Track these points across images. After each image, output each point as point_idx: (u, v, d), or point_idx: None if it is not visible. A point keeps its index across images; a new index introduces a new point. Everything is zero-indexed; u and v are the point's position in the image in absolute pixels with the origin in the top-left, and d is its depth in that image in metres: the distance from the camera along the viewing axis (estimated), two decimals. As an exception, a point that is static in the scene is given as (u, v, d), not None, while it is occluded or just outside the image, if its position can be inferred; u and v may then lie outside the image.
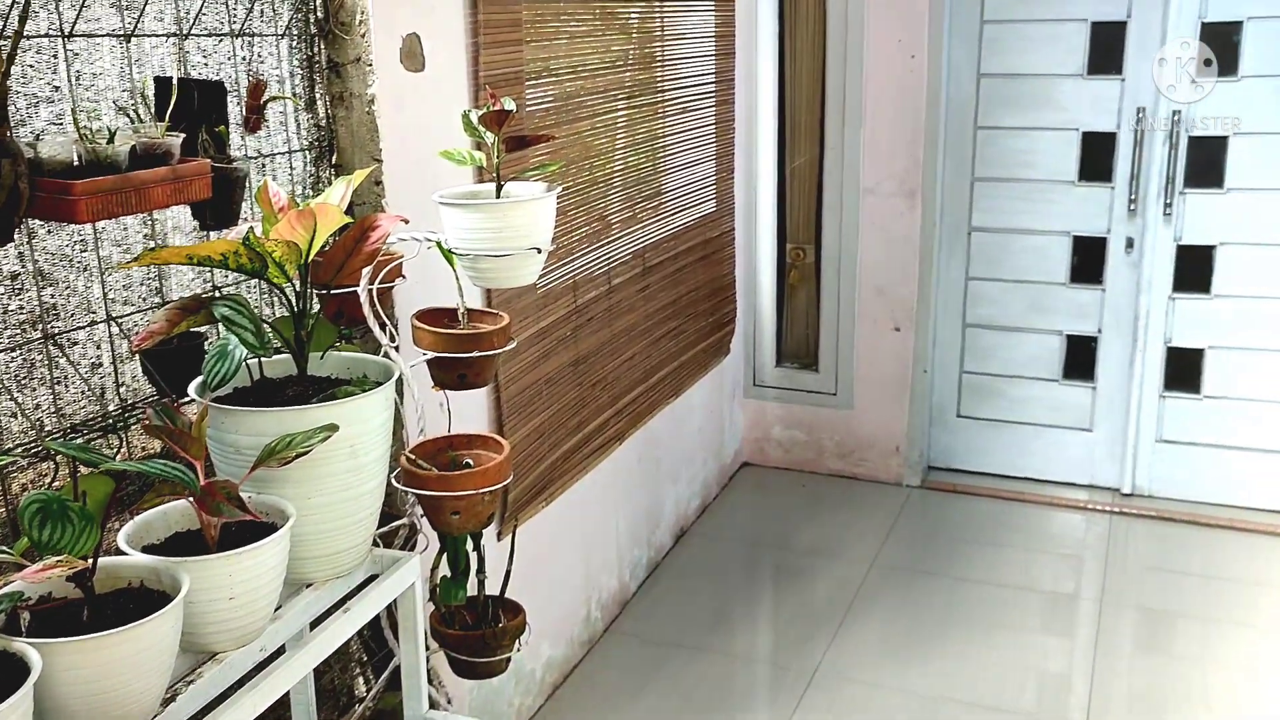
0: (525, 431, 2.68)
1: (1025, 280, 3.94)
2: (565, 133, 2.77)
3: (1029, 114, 3.79)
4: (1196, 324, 3.75)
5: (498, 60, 2.40)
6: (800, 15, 3.92)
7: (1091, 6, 3.63)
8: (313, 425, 1.37)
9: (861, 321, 4.06)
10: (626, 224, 3.17)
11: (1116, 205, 3.75)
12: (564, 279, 2.82)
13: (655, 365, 3.42)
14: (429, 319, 1.89)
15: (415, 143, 2.17)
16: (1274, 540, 3.68)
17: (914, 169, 3.86)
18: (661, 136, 3.35)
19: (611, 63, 3.00)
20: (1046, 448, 4.06)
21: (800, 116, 4.02)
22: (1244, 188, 3.59)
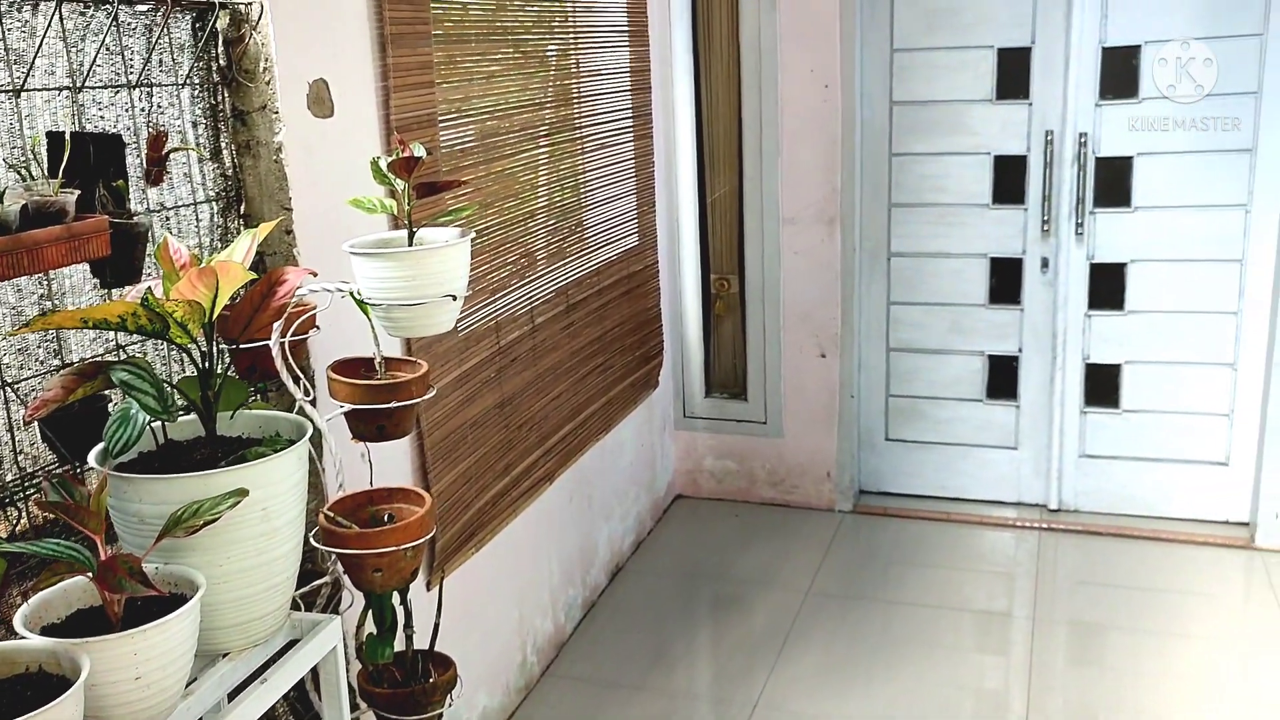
0: (451, 478, 2.63)
1: (945, 303, 3.99)
2: (483, 172, 2.75)
3: (942, 139, 3.86)
4: (1113, 340, 3.83)
5: (409, 103, 2.37)
6: (714, 48, 3.95)
7: (997, 33, 3.71)
8: (221, 490, 1.32)
9: (788, 349, 4.08)
10: (549, 262, 3.15)
11: (1030, 226, 3.83)
12: (486, 320, 2.79)
13: (583, 402, 3.39)
14: (345, 370, 1.85)
15: (326, 190, 2.13)
16: (1196, 549, 3.75)
17: (832, 197, 3.90)
18: (582, 173, 3.34)
19: (528, 101, 2.98)
20: (974, 467, 4.10)
21: (719, 148, 4.04)
22: (1150, 206, 3.68)
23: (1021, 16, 3.67)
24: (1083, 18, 3.59)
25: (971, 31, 3.74)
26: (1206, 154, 3.59)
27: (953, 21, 3.75)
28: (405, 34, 2.34)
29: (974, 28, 3.73)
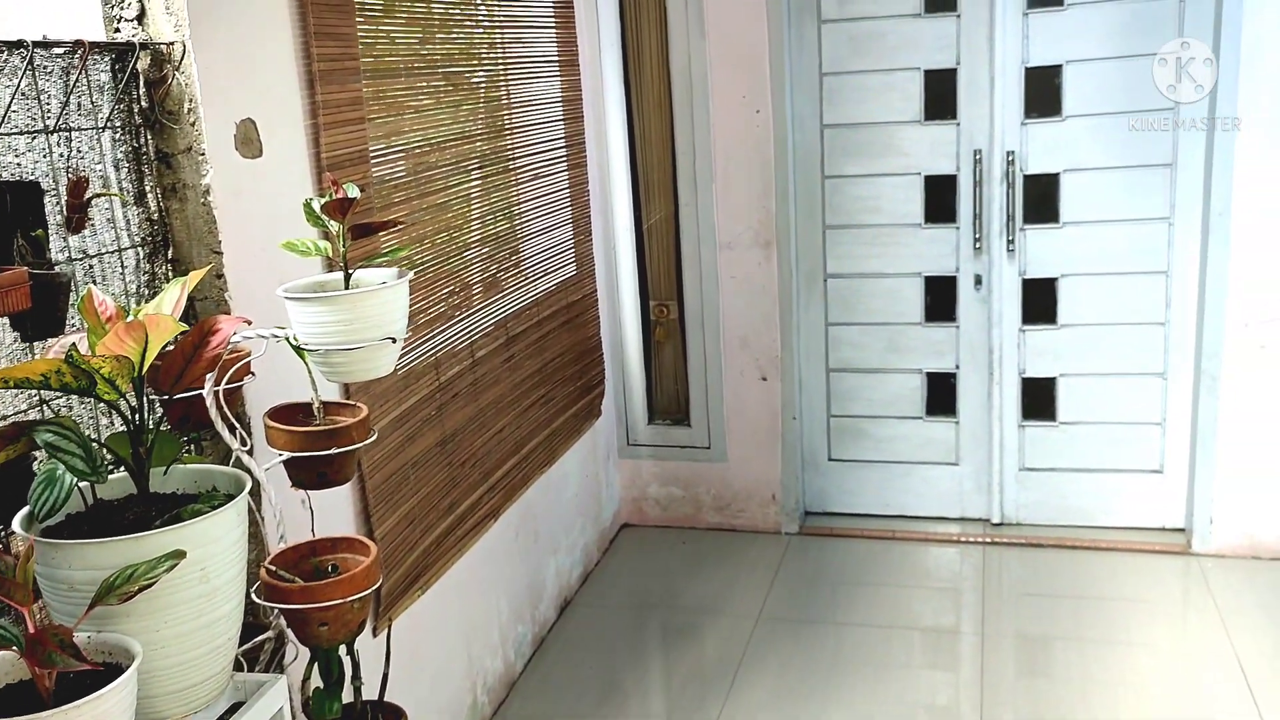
0: (394, 520, 2.57)
1: (882, 322, 4.02)
2: (417, 207, 2.71)
3: (873, 161, 3.90)
4: (1047, 354, 3.89)
5: (340, 140, 2.33)
6: (645, 76, 3.95)
7: (923, 55, 3.77)
8: (157, 553, 1.27)
9: (729, 373, 4.08)
10: (487, 294, 3.11)
11: (963, 244, 3.88)
12: (425, 357, 2.74)
13: (526, 435, 3.35)
14: (282, 417, 1.80)
15: (258, 232, 2.07)
16: (1136, 557, 3.81)
17: (767, 220, 3.92)
18: (517, 203, 3.32)
19: (459, 133, 2.95)
20: (916, 484, 4.13)
21: (653, 175, 4.04)
22: (1078, 221, 3.75)
23: (946, 39, 3.73)
24: (1005, 39, 3.65)
25: (897, 54, 3.79)
26: (1129, 169, 3.67)
27: (879, 45, 3.80)
28: (333, 70, 2.30)
29: (900, 50, 3.78)
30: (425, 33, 2.78)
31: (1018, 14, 3.64)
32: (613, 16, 3.89)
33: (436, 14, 2.83)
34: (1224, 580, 3.63)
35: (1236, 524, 3.71)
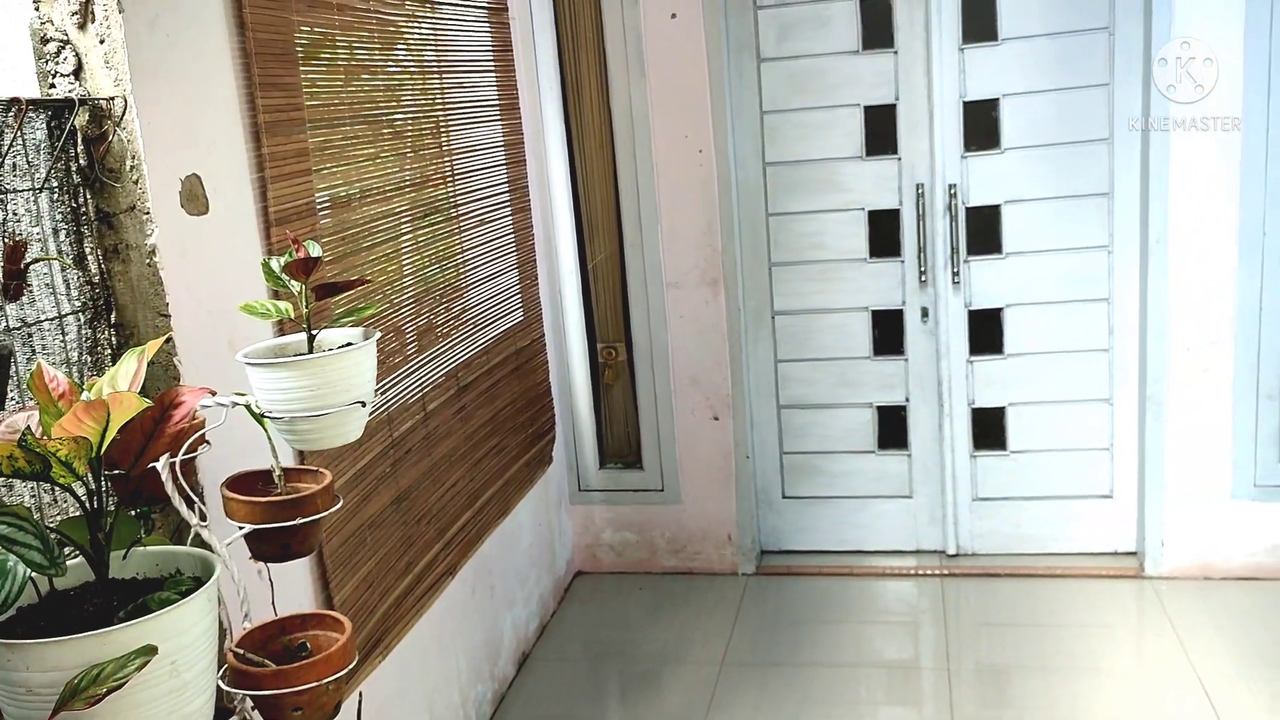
0: (353, 584, 2.47)
1: (832, 357, 4.02)
2: (365, 259, 2.63)
3: (816, 197, 3.91)
4: (995, 384, 3.92)
5: (287, 193, 2.25)
6: (586, 118, 3.92)
7: (862, 92, 3.79)
8: (123, 649, 1.17)
9: (680, 414, 4.04)
10: (437, 345, 3.03)
11: (908, 277, 3.89)
12: (378, 413, 2.65)
13: (480, 487, 3.27)
14: (241, 487, 1.70)
15: (206, 291, 1.98)
16: (1090, 582, 3.83)
17: (714, 259, 3.90)
18: (463, 251, 3.25)
19: (404, 183, 2.88)
20: (871, 518, 4.12)
21: (597, 217, 4.00)
22: (1020, 251, 3.80)
23: (884, 75, 3.76)
24: (942, 74, 3.69)
25: (837, 91, 3.81)
26: (1067, 199, 3.73)
27: (818, 82, 3.81)
28: (279, 122, 2.22)
29: (839, 88, 3.81)
30: (367, 82, 2.71)
31: (954, 49, 3.68)
32: (551, 58, 3.86)
33: (378, 63, 2.76)
34: (1178, 602, 3.66)
35: (1187, 546, 3.75)
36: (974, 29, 3.67)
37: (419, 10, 3.01)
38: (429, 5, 3.07)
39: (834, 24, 3.76)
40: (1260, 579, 3.72)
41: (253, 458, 1.74)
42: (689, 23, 3.72)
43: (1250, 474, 3.65)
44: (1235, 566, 3.74)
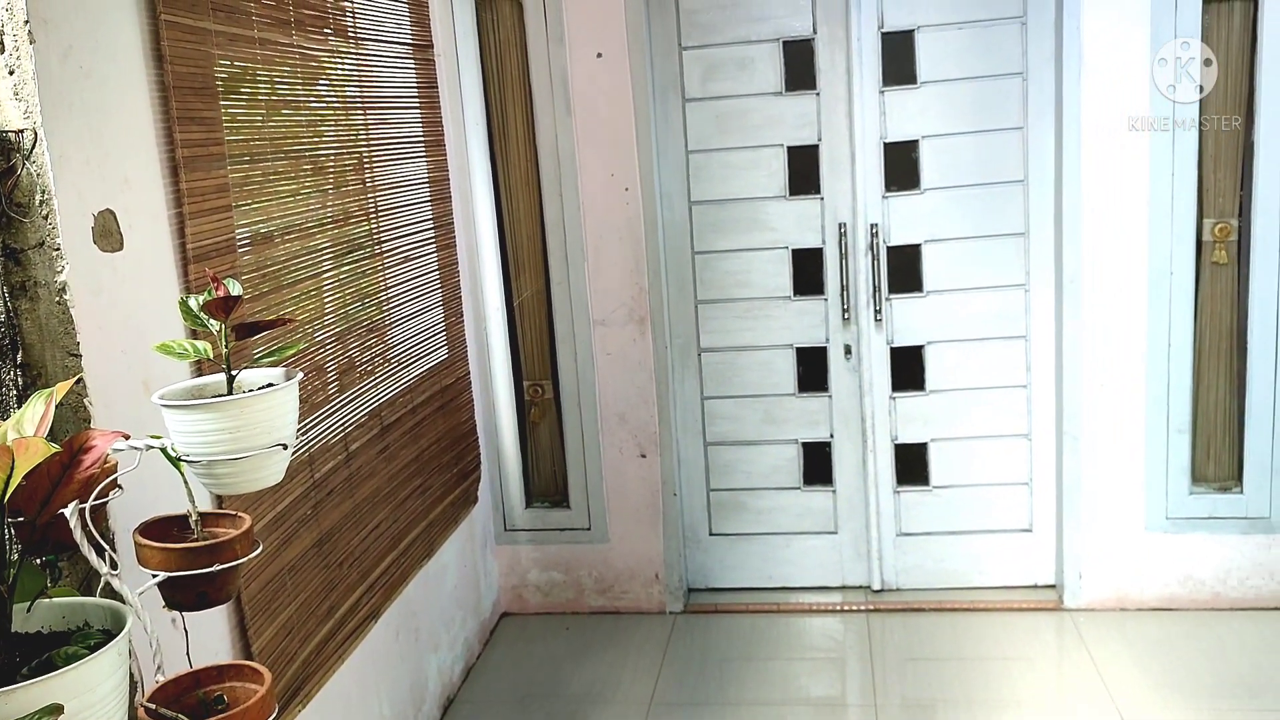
0: (272, 631, 2.39)
1: (757, 394, 4.04)
2: (286, 296, 2.57)
3: (741, 236, 3.94)
4: (917, 420, 3.97)
5: (206, 229, 2.19)
6: (512, 155, 3.91)
7: (785, 132, 3.84)
8: (27, 709, 1.11)
9: (607, 452, 4.02)
10: (360, 384, 2.98)
11: (832, 315, 3.94)
12: (299, 453, 2.59)
13: (404, 529, 3.20)
14: (156, 533, 1.64)
15: (119, 330, 1.92)
16: (1012, 615, 3.89)
17: (641, 296, 3.91)
18: (387, 288, 3.20)
19: (327, 219, 2.83)
20: (797, 555, 4.13)
21: (523, 253, 3.98)
22: (940, 290, 3.87)
23: (806, 116, 3.82)
24: (864, 116, 3.76)
25: (761, 132, 3.86)
26: (986, 239, 3.81)
27: (742, 123, 3.86)
28: (198, 156, 2.18)
29: (763, 129, 3.85)
30: (289, 117, 2.67)
31: (874, 91, 3.76)
32: (477, 95, 3.85)
33: (300, 97, 2.72)
34: (1096, 634, 3.73)
35: (1104, 578, 3.83)
36: (894, 72, 3.75)
37: (342, 45, 2.98)
38: (352, 41, 3.04)
39: (757, 65, 3.81)
40: (1174, 609, 3.81)
41: (168, 502, 1.68)
42: (615, 62, 3.75)
43: (1163, 507, 3.75)
44: (1150, 598, 3.82)
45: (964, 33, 3.69)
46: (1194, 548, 3.77)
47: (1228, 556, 3.76)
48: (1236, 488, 3.73)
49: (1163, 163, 3.54)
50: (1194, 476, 3.75)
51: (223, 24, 2.30)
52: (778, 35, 3.78)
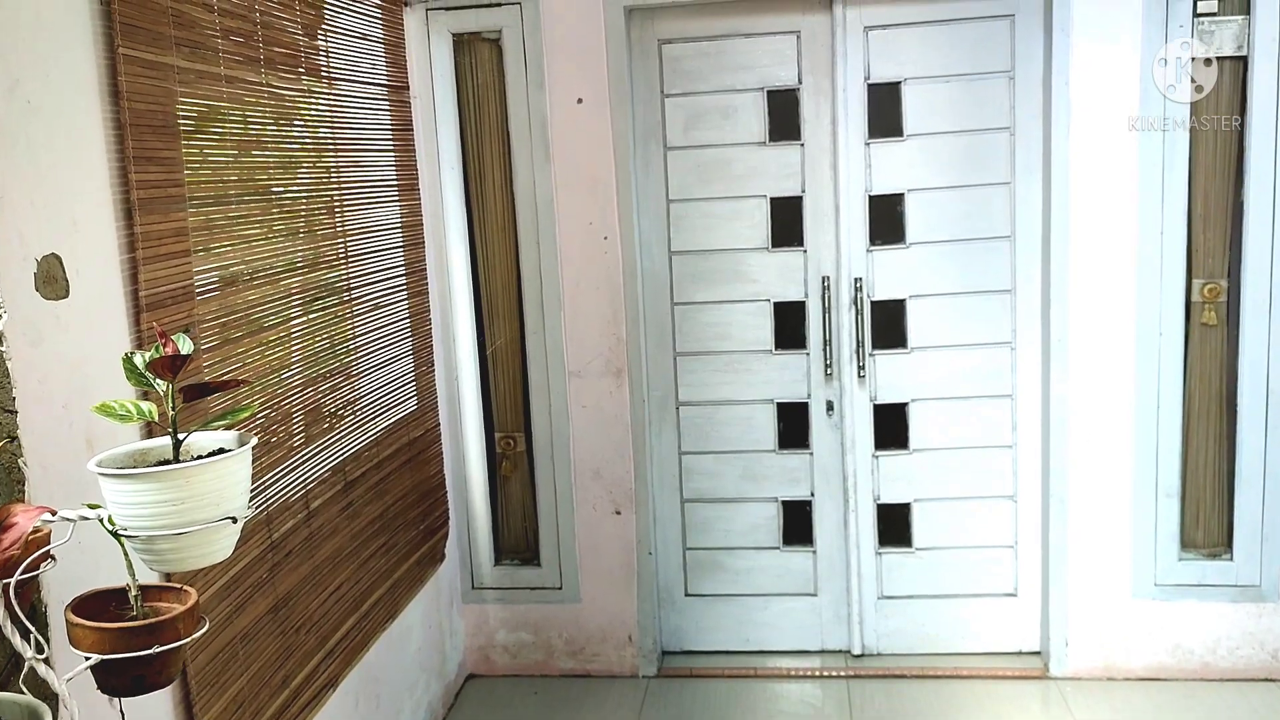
0: (221, 706, 2.23)
1: (736, 450, 3.93)
2: (248, 345, 2.44)
3: (722, 287, 3.84)
4: (900, 479, 3.86)
5: (162, 276, 2.06)
6: (488, 200, 3.80)
7: (768, 183, 3.76)
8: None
9: (581, 508, 3.88)
10: (324, 438, 2.84)
11: (814, 370, 3.84)
12: (256, 513, 2.44)
13: (366, 590, 3.05)
14: (90, 609, 1.50)
15: (61, 384, 1.78)
16: (996, 683, 3.76)
17: (618, 347, 3.79)
18: (354, 337, 3.07)
19: (294, 264, 2.71)
20: (775, 617, 4.00)
21: (498, 302, 3.86)
22: (924, 346, 3.78)
23: (791, 168, 3.74)
24: (848, 168, 3.69)
25: (744, 182, 3.77)
26: (972, 295, 3.73)
27: (725, 173, 3.78)
28: (155, 198, 2.05)
29: (746, 179, 3.77)
30: (256, 158, 2.55)
31: (860, 143, 3.68)
32: (453, 139, 3.74)
33: (270, 138, 2.61)
34: (1084, 703, 3.61)
35: (1091, 646, 3.72)
36: (880, 124, 3.68)
37: (315, 85, 2.87)
38: (326, 81, 2.94)
39: (741, 115, 3.73)
40: (1162, 679, 3.70)
41: (113, 570, 1.54)
42: (596, 109, 3.66)
43: (1151, 573, 3.65)
44: (1138, 667, 3.71)
45: (951, 86, 3.63)
46: (1183, 616, 3.67)
47: (1217, 625, 3.66)
48: (1226, 554, 3.64)
49: (1151, 221, 3.48)
50: (1183, 542, 3.66)
51: (188, 60, 2.19)
52: (762, 85, 3.71)
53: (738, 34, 3.69)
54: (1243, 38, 3.38)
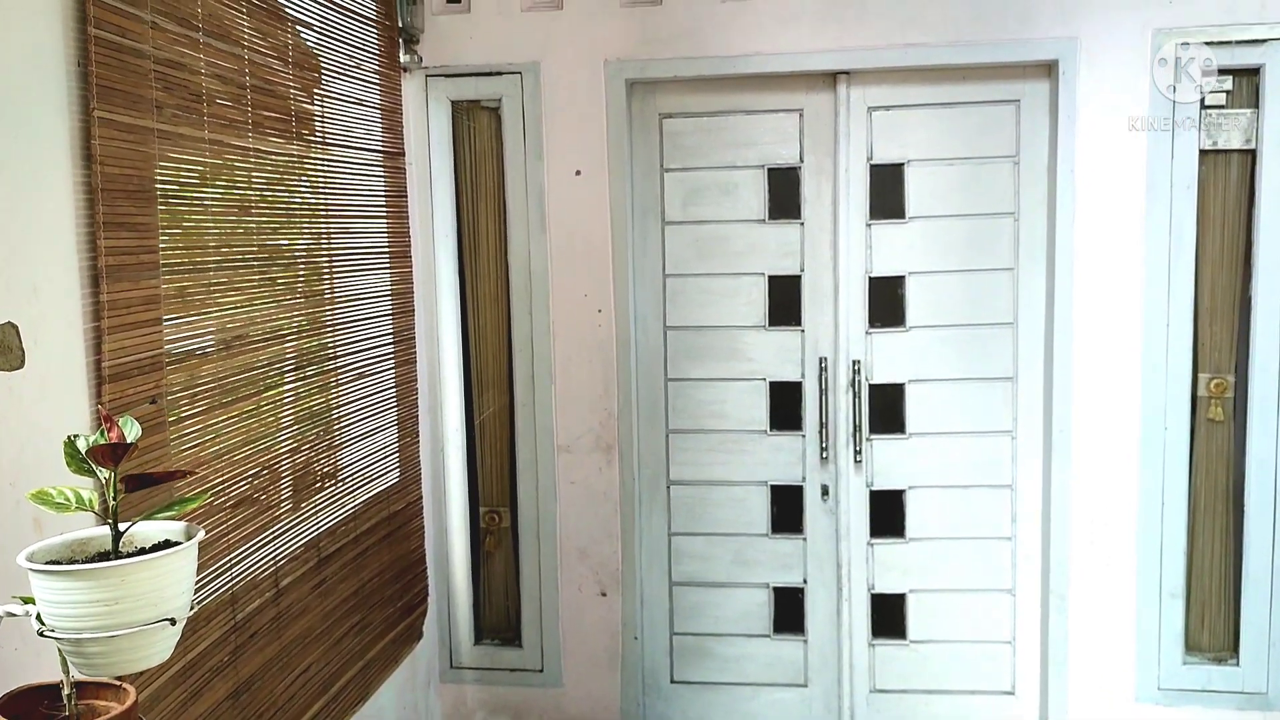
0: (168, 802, 2.10)
1: (728, 533, 3.81)
2: (220, 417, 2.35)
3: (717, 365, 3.76)
4: (896, 568, 3.74)
5: (128, 345, 1.98)
6: (482, 269, 3.74)
7: (767, 261, 3.69)
8: None
9: (565, 588, 3.76)
10: (298, 513, 2.73)
11: (809, 453, 3.74)
12: (219, 593, 2.33)
13: (337, 670, 2.92)
14: (20, 707, 1.40)
15: (8, 461, 1.69)
16: (993, 786, 3.61)
17: (609, 423, 3.70)
18: (337, 407, 2.98)
19: (276, 331, 2.63)
20: (763, 708, 3.85)
21: (488, 372, 3.78)
22: (923, 432, 3.68)
23: (790, 246, 3.68)
24: (849, 248, 3.63)
25: (742, 259, 3.71)
26: (972, 381, 3.65)
27: (723, 249, 3.71)
28: (126, 265, 1.97)
29: (745, 256, 3.71)
30: (242, 222, 2.48)
31: (861, 224, 3.63)
32: (449, 207, 3.69)
33: (256, 203, 2.54)
34: (1082, 812, 3.46)
35: (1091, 750, 3.58)
36: (882, 205, 3.62)
37: (307, 151, 2.81)
38: (319, 146, 2.88)
39: (741, 191, 3.68)
40: (1165, 788, 3.55)
41: (50, 667, 1.43)
42: (594, 180, 3.61)
43: (1154, 676, 3.52)
44: (1140, 774, 3.56)
45: (955, 169, 3.58)
46: (1187, 722, 3.53)
47: (1223, 733, 3.52)
48: (1232, 659, 3.51)
49: (1157, 313, 3.41)
50: (1188, 645, 3.53)
51: (169, 123, 2.13)
52: (763, 162, 3.66)
53: (740, 110, 3.65)
54: (1251, 131, 3.34)
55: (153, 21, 2.07)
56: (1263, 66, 3.29)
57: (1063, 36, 3.38)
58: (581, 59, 3.56)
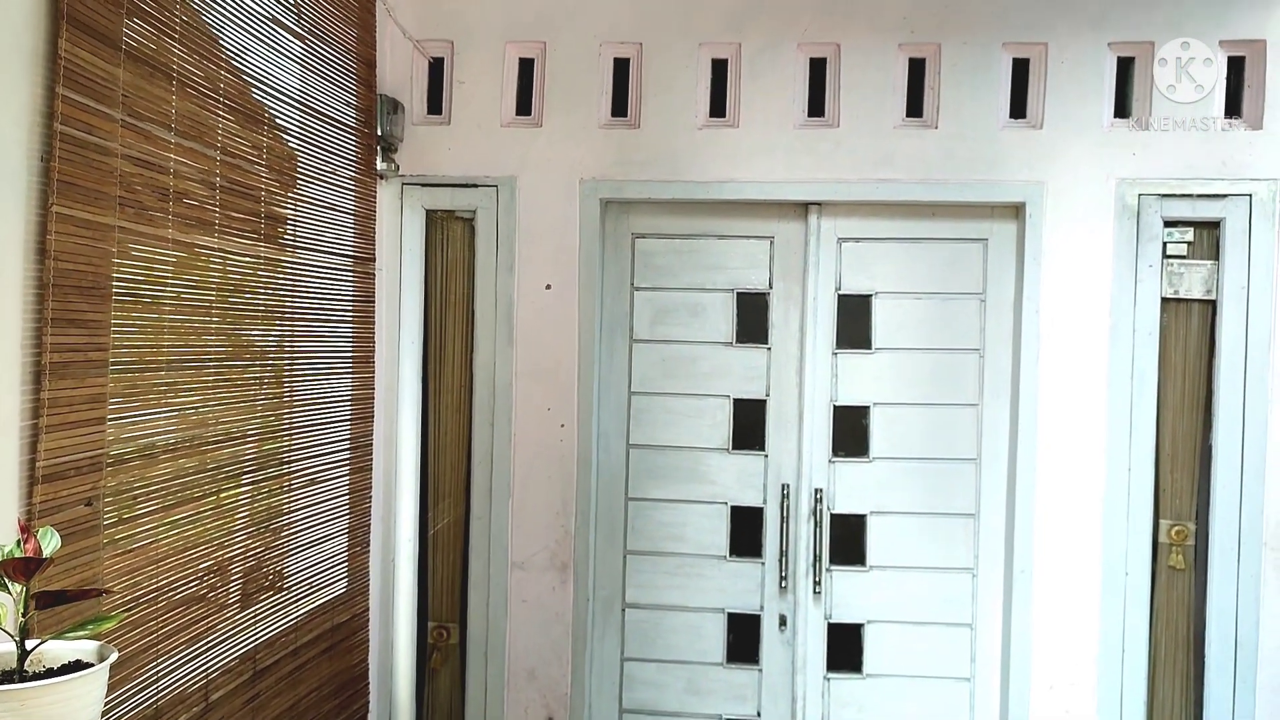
0: None
1: (682, 660, 3.71)
2: (161, 520, 2.27)
3: (678, 486, 3.71)
4: (851, 705, 3.65)
5: (66, 445, 1.92)
6: (445, 378, 3.70)
7: (733, 384, 3.68)
8: None
9: (511, 710, 3.63)
10: (235, 622, 2.63)
11: (768, 581, 3.67)
12: (140, 707, 2.22)
13: (262, 793, 2.78)
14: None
15: (-77, 563, 1.60)
16: None
17: (566, 541, 3.62)
18: (286, 512, 2.90)
19: (227, 434, 2.57)
20: (711, 846, 3.70)
21: (445, 483, 3.71)
22: (884, 565, 3.63)
23: (756, 370, 3.68)
24: (814, 376, 3.62)
25: (708, 381, 3.70)
26: (934, 516, 3.62)
27: (690, 369, 3.70)
28: (72, 362, 1.93)
29: (710, 378, 3.70)
30: (197, 322, 2.45)
31: (827, 352, 3.63)
32: (416, 315, 3.67)
33: (217, 300, 2.51)
34: None
35: None
36: (849, 335, 3.64)
37: (277, 253, 2.79)
38: (289, 250, 2.87)
39: (709, 313, 3.69)
40: None
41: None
42: (564, 295, 3.61)
43: (1114, 831, 3.41)
44: None
45: (922, 303, 3.61)
46: None
47: None
48: (1193, 816, 3.42)
49: (1119, 457, 3.41)
50: (1148, 799, 3.44)
51: (131, 220, 2.11)
52: (733, 286, 3.68)
53: (712, 234, 3.68)
54: (1211, 282, 3.40)
55: (124, 120, 2.06)
56: (1223, 220, 3.37)
57: (1030, 180, 3.45)
58: (558, 176, 3.60)
